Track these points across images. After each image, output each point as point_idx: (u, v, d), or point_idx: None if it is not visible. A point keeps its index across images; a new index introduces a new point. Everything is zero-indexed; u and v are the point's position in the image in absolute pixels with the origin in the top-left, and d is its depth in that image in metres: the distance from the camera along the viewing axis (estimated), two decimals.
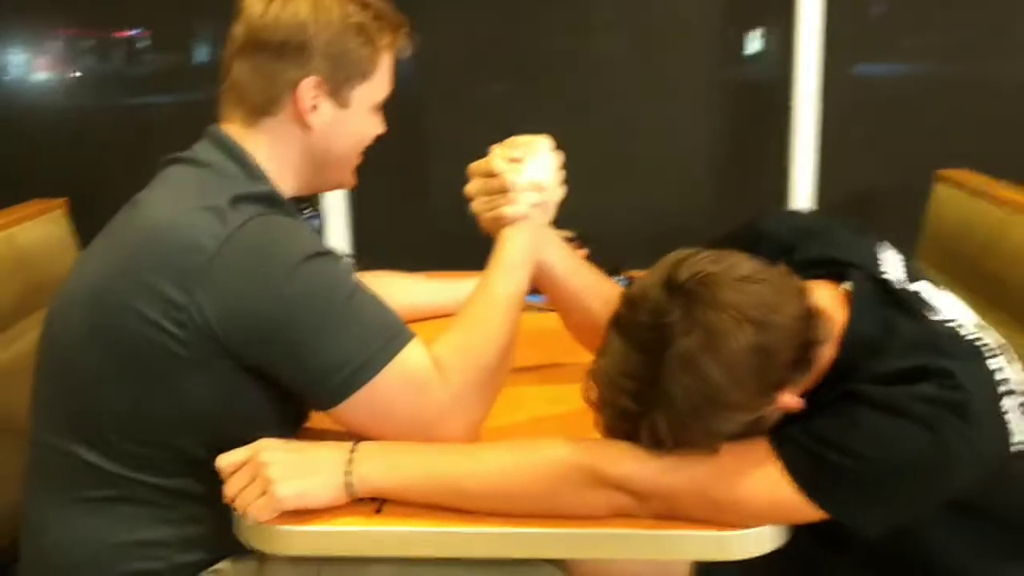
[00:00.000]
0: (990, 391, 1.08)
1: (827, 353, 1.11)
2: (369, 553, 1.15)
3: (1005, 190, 1.78)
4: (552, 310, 1.49)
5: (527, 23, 2.60)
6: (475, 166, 1.32)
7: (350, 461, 1.12)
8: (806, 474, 1.06)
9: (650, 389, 1.04)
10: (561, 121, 2.43)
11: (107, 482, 1.22)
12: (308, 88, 1.28)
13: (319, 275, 1.18)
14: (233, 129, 1.30)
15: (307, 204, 1.38)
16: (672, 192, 2.44)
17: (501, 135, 1.37)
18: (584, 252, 1.56)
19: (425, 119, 2.46)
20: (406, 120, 1.43)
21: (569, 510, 1.12)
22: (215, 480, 1.21)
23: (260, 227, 1.17)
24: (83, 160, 2.59)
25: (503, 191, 1.29)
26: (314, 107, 1.29)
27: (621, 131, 2.45)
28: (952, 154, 2.17)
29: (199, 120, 1.32)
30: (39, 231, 1.84)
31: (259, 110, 1.30)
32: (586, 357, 1.50)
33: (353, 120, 1.33)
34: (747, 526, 1.09)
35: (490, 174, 1.30)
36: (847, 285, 1.17)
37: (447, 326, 1.26)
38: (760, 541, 1.10)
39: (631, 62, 2.52)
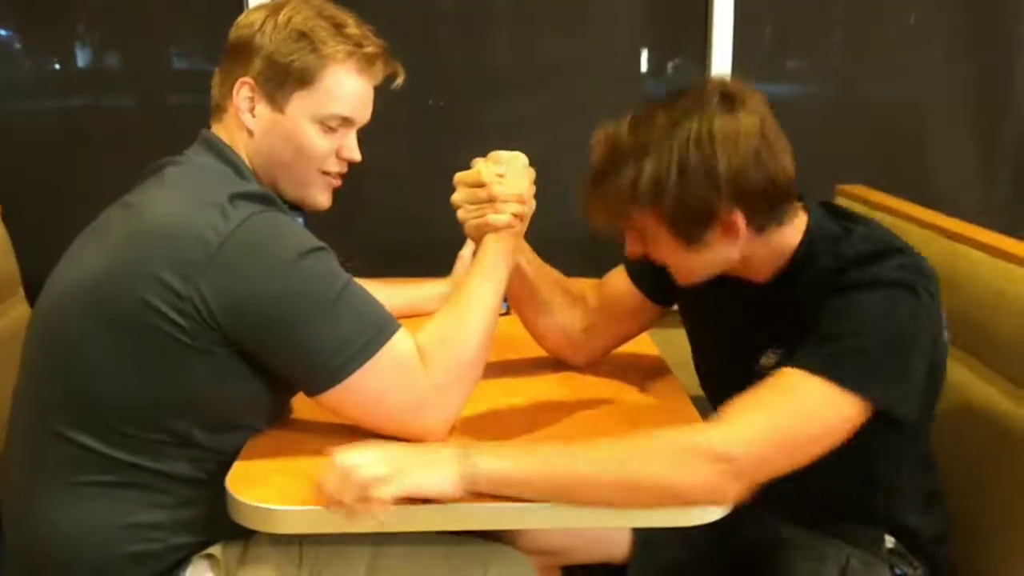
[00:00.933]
0: (935, 278, 1.30)
1: (791, 239, 1.33)
2: (352, 530, 1.18)
3: (894, 201, 1.98)
4: (506, 314, 1.59)
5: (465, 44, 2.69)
6: (461, 177, 1.41)
7: (466, 456, 1.16)
8: (844, 373, 1.20)
9: (655, 137, 1.25)
10: (497, 138, 2.54)
11: (105, 466, 1.26)
12: (241, 87, 1.34)
13: (315, 269, 1.24)
14: (214, 129, 1.37)
15: (289, 203, 1.43)
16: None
17: (442, 151, 1.46)
18: None
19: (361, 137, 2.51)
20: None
21: (675, 495, 1.17)
22: (210, 464, 1.27)
23: (260, 223, 1.23)
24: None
25: (490, 201, 1.38)
26: (251, 109, 1.34)
27: (556, 146, 2.54)
28: (842, 169, 2.36)
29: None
30: None
31: (218, 109, 1.38)
32: (537, 354, 1.63)
33: (289, 126, 1.35)
34: (828, 449, 1.21)
35: (477, 185, 1.39)
36: (800, 202, 1.36)
37: (430, 320, 1.33)
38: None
39: (561, 82, 2.60)
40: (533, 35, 2.63)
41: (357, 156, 1.41)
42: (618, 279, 1.62)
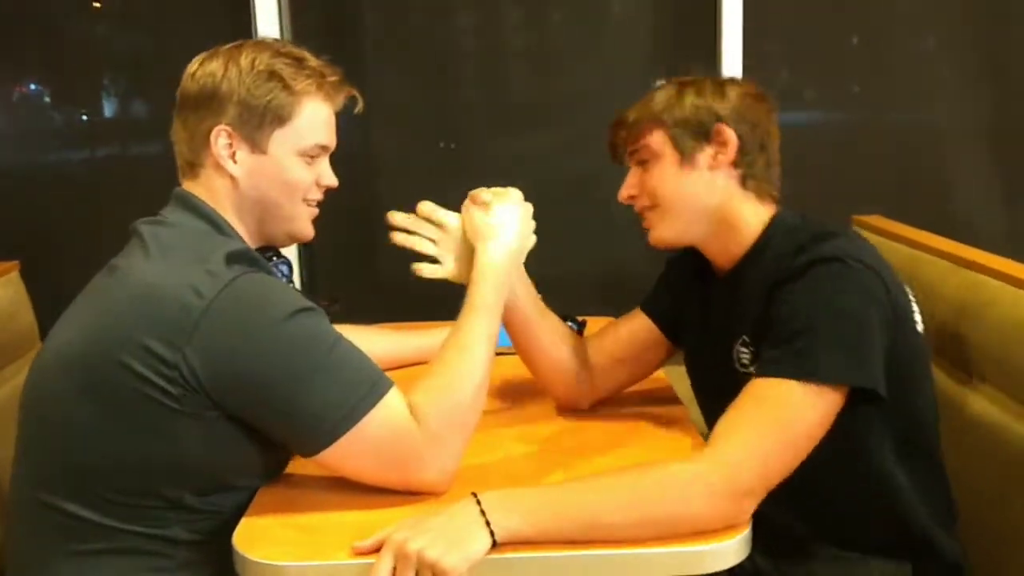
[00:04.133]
0: (890, 268, 1.35)
1: (756, 224, 1.42)
2: None
3: (913, 232, 1.95)
4: (514, 353, 1.58)
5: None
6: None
7: (482, 513, 1.15)
8: (808, 368, 1.24)
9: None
10: (511, 173, 2.55)
11: (100, 535, 1.25)
12: (218, 136, 1.32)
13: (303, 330, 1.23)
14: (188, 186, 1.36)
15: (273, 252, 1.42)
16: (612, 238, 2.52)
17: (455, 194, 1.48)
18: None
19: (373, 176, 2.53)
20: (355, 177, 1.47)
21: (693, 525, 1.18)
22: (206, 524, 1.26)
23: (246, 285, 1.22)
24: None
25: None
26: (232, 156, 1.33)
27: (564, 179, 2.55)
28: (859, 199, 2.34)
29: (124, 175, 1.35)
30: None
31: (192, 164, 1.35)
32: (546, 397, 1.62)
33: (274, 166, 1.34)
34: (817, 442, 1.24)
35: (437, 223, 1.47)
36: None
37: (424, 371, 1.32)
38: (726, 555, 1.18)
39: (572, 115, 2.61)
40: (543, 72, 2.64)
41: (334, 181, 1.42)
42: (629, 321, 1.64)
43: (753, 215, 1.43)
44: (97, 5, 2.66)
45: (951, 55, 2.67)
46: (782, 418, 1.24)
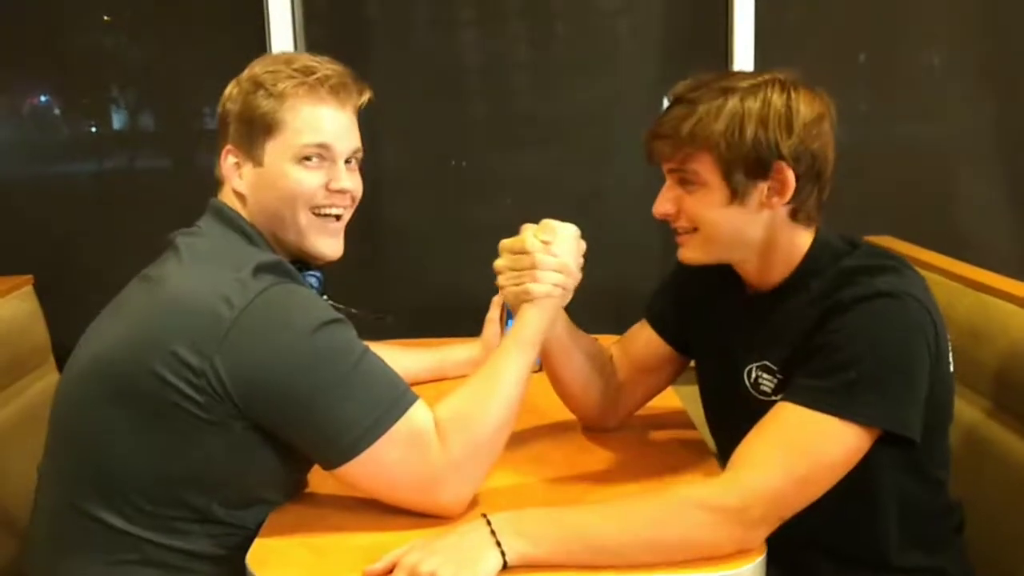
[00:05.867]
0: (935, 302, 1.30)
1: (801, 246, 1.35)
2: None
3: (924, 253, 1.95)
4: (537, 371, 1.57)
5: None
6: (507, 243, 1.39)
7: (493, 533, 1.15)
8: (843, 405, 1.20)
9: (744, 83, 1.30)
10: (522, 191, 2.55)
11: (127, 545, 1.26)
12: (225, 156, 1.37)
13: (329, 342, 1.24)
14: (222, 199, 1.39)
15: (303, 264, 1.42)
16: (624, 255, 2.52)
17: (467, 211, 1.45)
18: None
19: (380, 193, 2.54)
20: (366, 198, 1.45)
21: (702, 551, 1.18)
22: (231, 540, 1.27)
23: (276, 296, 1.23)
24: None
25: (531, 269, 1.36)
26: (239, 173, 1.36)
27: (574, 194, 2.53)
28: (868, 218, 2.33)
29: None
30: (9, 308, 1.87)
31: (218, 183, 1.40)
32: (561, 417, 1.61)
33: (271, 175, 1.34)
34: (837, 479, 1.22)
35: (521, 251, 1.37)
36: None
37: (453, 390, 1.32)
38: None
39: (582, 130, 2.59)
40: (553, 86, 2.63)
41: (347, 184, 1.37)
42: (640, 333, 1.61)
43: (797, 241, 1.36)
44: (107, 18, 2.67)
45: (963, 73, 2.66)
46: (808, 450, 1.21)
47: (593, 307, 2.49)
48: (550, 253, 1.36)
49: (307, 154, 1.34)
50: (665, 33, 2.63)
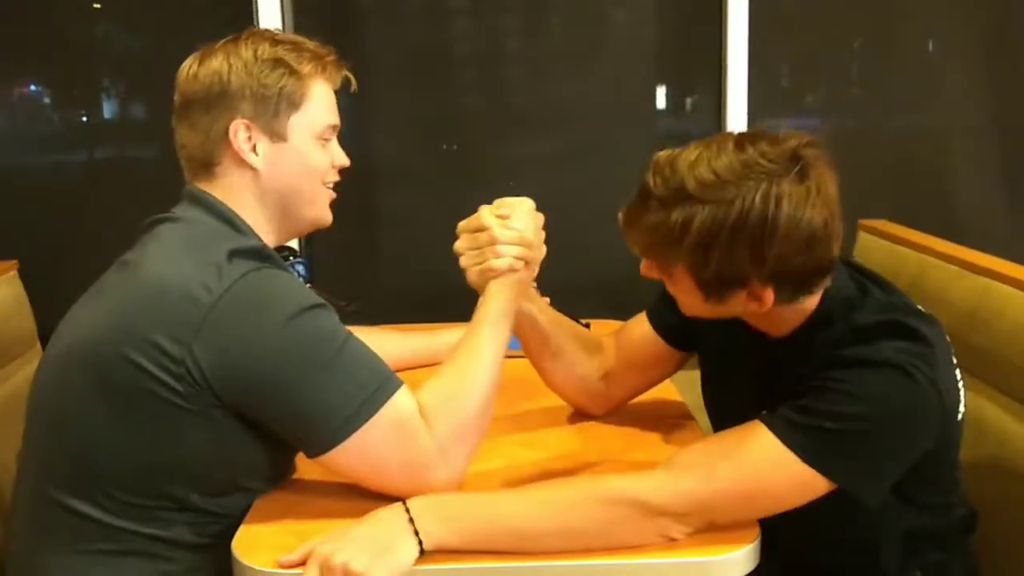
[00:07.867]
0: (948, 351, 1.25)
1: (810, 303, 1.26)
2: None
3: (920, 236, 1.93)
4: (522, 356, 1.55)
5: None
6: (463, 224, 1.38)
7: (411, 521, 1.14)
8: (809, 448, 1.16)
9: (720, 187, 1.15)
10: (519, 179, 2.53)
11: (105, 535, 1.24)
12: (236, 131, 1.32)
13: (311, 327, 1.22)
14: (202, 187, 1.34)
15: (289, 251, 1.41)
16: (615, 243, 2.50)
17: (449, 199, 1.44)
18: (546, 300, 1.64)
19: (373, 180, 2.52)
20: (355, 180, 1.45)
21: (622, 542, 1.17)
22: (212, 527, 1.25)
23: (255, 281, 1.21)
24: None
25: (490, 245, 1.34)
26: (253, 148, 1.33)
27: (567, 184, 2.53)
28: (864, 202, 2.32)
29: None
30: None
31: (207, 164, 1.34)
32: (553, 402, 1.60)
33: (296, 151, 1.35)
34: (779, 510, 1.19)
35: (478, 229, 1.35)
36: None
37: (433, 374, 1.30)
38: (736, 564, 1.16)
39: (576, 121, 2.59)
40: (547, 76, 2.62)
41: (347, 160, 1.42)
42: (639, 327, 1.57)
43: (800, 307, 1.27)
44: (97, 6, 2.65)
45: (956, 59, 2.65)
46: (761, 475, 1.18)
47: (591, 294, 2.49)
48: (507, 227, 1.35)
49: (326, 134, 1.38)
50: (660, 20, 2.62)
